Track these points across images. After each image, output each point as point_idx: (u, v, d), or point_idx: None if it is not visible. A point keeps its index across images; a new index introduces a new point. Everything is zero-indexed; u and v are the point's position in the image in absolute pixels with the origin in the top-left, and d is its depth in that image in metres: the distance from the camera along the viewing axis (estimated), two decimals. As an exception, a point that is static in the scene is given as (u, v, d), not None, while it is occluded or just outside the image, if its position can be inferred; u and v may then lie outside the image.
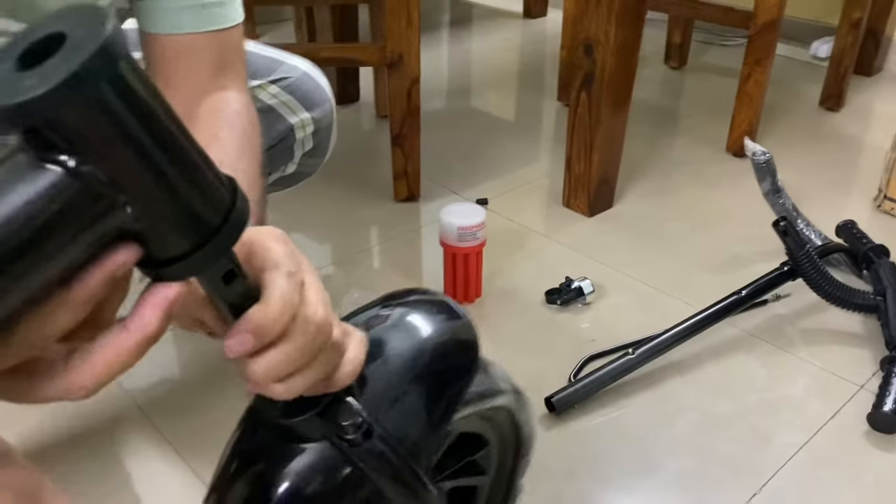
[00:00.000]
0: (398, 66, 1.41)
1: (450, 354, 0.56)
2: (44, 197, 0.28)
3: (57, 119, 0.27)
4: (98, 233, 0.30)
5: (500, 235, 1.45)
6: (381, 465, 0.48)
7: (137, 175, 0.30)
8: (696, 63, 2.38)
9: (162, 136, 0.30)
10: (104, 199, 0.30)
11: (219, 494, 0.51)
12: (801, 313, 1.25)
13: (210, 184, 0.34)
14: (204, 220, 0.34)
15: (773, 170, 1.34)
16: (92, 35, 0.27)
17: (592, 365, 1.11)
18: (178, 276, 0.34)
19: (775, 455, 0.98)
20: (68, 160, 0.28)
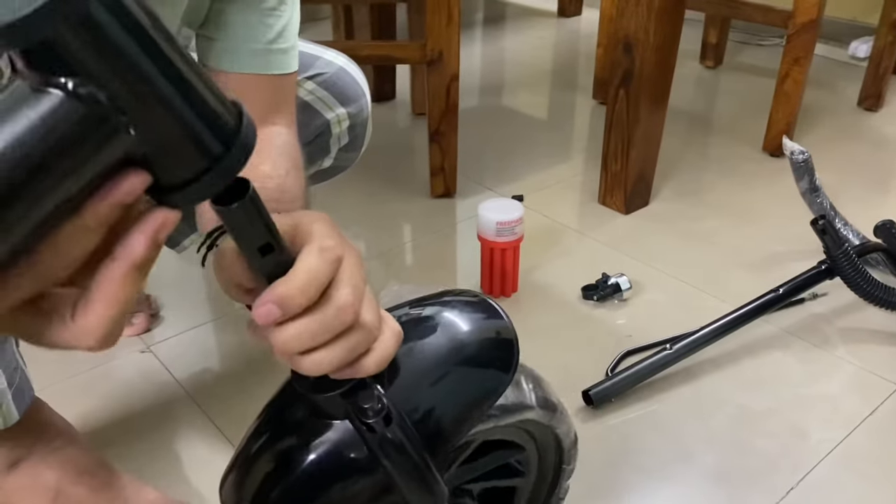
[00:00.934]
0: (438, 63, 1.44)
1: (485, 353, 0.56)
2: (46, 120, 0.28)
3: (50, 38, 0.27)
4: (104, 156, 0.30)
5: (536, 232, 1.46)
6: (394, 454, 0.49)
7: (136, 94, 0.30)
8: (731, 62, 2.38)
9: (158, 54, 0.30)
10: (106, 120, 0.29)
11: (243, 453, 0.53)
12: (838, 312, 1.25)
13: (213, 106, 0.33)
14: (208, 145, 0.33)
15: (811, 169, 1.34)
16: None
17: (629, 360, 1.13)
18: (187, 201, 0.34)
19: (812, 450, 0.99)
20: (67, 82, 0.28)
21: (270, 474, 0.51)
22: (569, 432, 0.72)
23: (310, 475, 0.50)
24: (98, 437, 1.00)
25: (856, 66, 2.31)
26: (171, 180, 0.33)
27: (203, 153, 0.33)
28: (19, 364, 0.70)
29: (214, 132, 0.33)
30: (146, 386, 1.09)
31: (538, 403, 0.65)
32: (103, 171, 0.31)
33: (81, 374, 1.10)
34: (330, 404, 0.49)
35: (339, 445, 0.50)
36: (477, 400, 0.55)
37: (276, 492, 0.51)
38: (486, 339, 0.56)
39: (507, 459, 0.71)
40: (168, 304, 1.26)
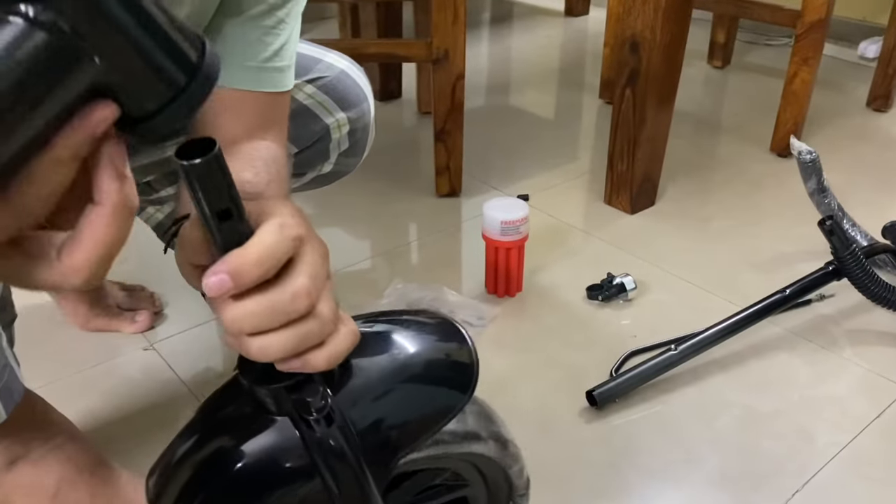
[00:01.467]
0: (443, 62, 1.43)
1: (442, 374, 0.54)
2: (10, 49, 0.28)
3: None
4: (70, 85, 0.31)
5: (541, 231, 1.46)
6: (332, 459, 0.46)
7: (95, 22, 0.30)
8: (739, 62, 2.36)
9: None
10: (70, 48, 0.30)
11: (177, 440, 0.51)
12: (845, 313, 1.24)
13: (173, 37, 0.34)
14: (171, 75, 0.34)
15: (818, 169, 1.33)
16: None
17: (634, 360, 1.12)
18: (153, 132, 0.35)
19: (819, 453, 0.98)
20: (28, 10, 0.28)
21: (197, 474, 0.48)
22: (521, 473, 0.67)
23: (239, 475, 0.47)
24: (100, 435, 1.00)
25: (865, 66, 2.30)
26: (138, 112, 0.34)
27: (167, 83, 0.34)
28: (9, 362, 0.70)
29: (177, 62, 0.34)
30: (149, 383, 1.09)
31: (490, 436, 0.62)
32: (71, 102, 0.31)
33: (84, 371, 1.10)
34: (273, 397, 0.46)
35: (275, 444, 0.47)
36: (427, 418, 0.52)
37: (202, 494, 0.48)
38: (444, 358, 0.54)
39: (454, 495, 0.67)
40: (171, 302, 1.25)
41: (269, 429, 0.47)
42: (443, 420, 0.52)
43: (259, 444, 0.47)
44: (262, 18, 0.71)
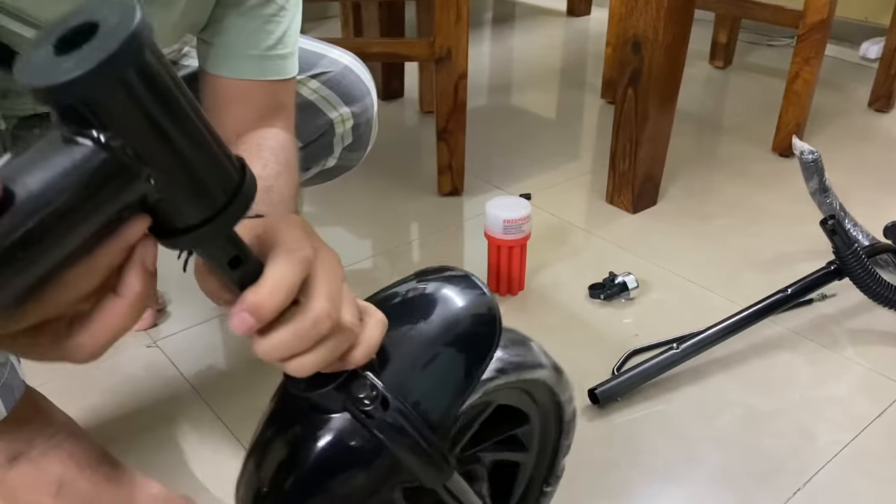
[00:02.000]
0: (446, 61, 1.43)
1: (468, 326, 0.57)
2: (78, 167, 0.31)
3: (90, 98, 0.30)
4: (123, 201, 0.33)
5: (543, 230, 1.46)
6: (398, 436, 0.50)
7: (158, 149, 0.33)
8: (741, 63, 2.37)
9: (180, 116, 0.34)
10: (130, 170, 0.33)
11: (254, 458, 0.54)
12: (847, 313, 1.24)
13: (222, 162, 0.37)
14: (215, 196, 0.37)
15: (820, 169, 1.34)
16: (122, 25, 0.30)
17: (636, 359, 1.12)
18: (189, 245, 0.38)
19: (820, 451, 0.98)
20: (99, 135, 0.31)
21: (279, 473, 0.52)
22: (570, 401, 0.74)
23: (318, 469, 0.51)
24: (103, 432, 1.00)
25: (867, 67, 2.30)
26: (178, 224, 0.37)
27: (209, 202, 0.37)
28: (9, 359, 0.70)
29: (221, 183, 0.37)
30: (152, 381, 1.09)
31: (549, 364, 0.67)
32: (121, 214, 0.34)
33: (87, 368, 1.11)
34: (327, 399, 0.49)
35: (342, 436, 0.50)
36: (467, 372, 0.56)
37: (287, 489, 0.52)
38: (468, 312, 0.58)
39: (514, 431, 0.72)
40: (175, 300, 1.26)
41: (334, 426, 0.50)
42: (480, 368, 0.56)
43: (331, 441, 0.50)
44: (263, 7, 0.71)
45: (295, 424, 0.53)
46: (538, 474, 0.77)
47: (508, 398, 0.67)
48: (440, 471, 0.54)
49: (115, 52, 0.29)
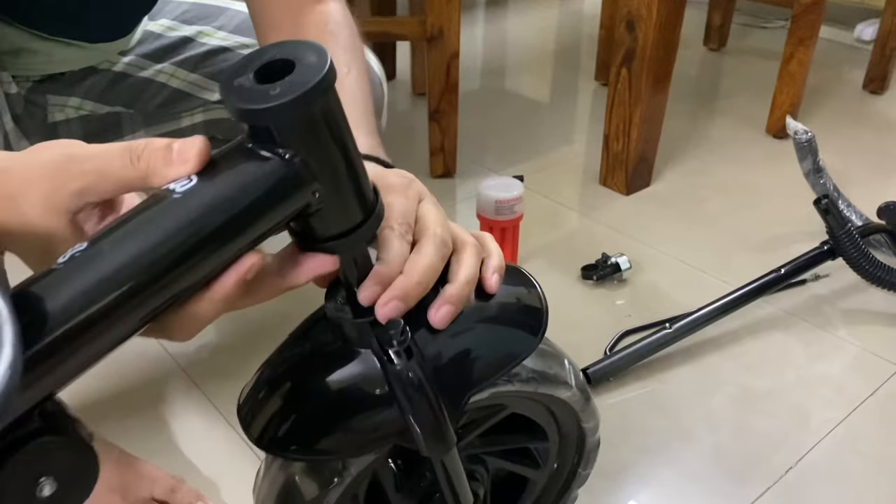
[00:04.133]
0: (438, 40, 1.42)
1: (514, 317, 0.55)
2: (267, 176, 0.38)
3: (286, 121, 0.37)
4: (293, 208, 0.39)
5: (536, 212, 1.45)
6: (410, 391, 0.49)
7: (326, 168, 0.40)
8: (736, 45, 2.35)
9: (345, 143, 0.41)
10: (304, 183, 0.39)
11: (267, 367, 0.54)
12: (840, 293, 1.24)
13: (365, 184, 0.43)
14: (356, 213, 0.43)
15: (814, 149, 1.33)
16: (318, 65, 0.37)
17: (628, 340, 1.11)
18: (329, 251, 0.44)
19: (813, 430, 0.98)
20: (284, 153, 0.38)
21: (288, 398, 0.52)
22: (594, 431, 0.71)
23: (319, 395, 0.51)
24: (92, 413, 0.99)
25: (861, 48, 2.29)
26: (318, 233, 0.43)
27: (351, 218, 0.43)
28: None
29: (362, 201, 0.43)
30: (142, 363, 1.09)
31: (577, 385, 0.65)
32: (287, 220, 0.40)
33: (76, 350, 1.10)
34: (357, 331, 0.49)
35: (356, 371, 0.50)
36: (499, 358, 0.55)
37: (291, 417, 0.51)
38: (515, 301, 0.56)
39: (530, 444, 0.70)
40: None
41: (353, 359, 0.50)
42: (514, 361, 0.55)
43: (344, 373, 0.50)
44: None
45: (317, 346, 0.52)
46: (548, 496, 0.76)
47: (525, 408, 0.65)
48: (440, 442, 0.52)
49: (314, 86, 0.36)
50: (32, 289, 0.33)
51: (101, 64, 0.86)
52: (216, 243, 0.37)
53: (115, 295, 0.34)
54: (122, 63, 0.87)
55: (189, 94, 0.87)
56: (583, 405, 0.67)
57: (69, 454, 0.35)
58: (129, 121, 0.88)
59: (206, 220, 0.36)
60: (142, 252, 0.35)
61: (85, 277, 0.34)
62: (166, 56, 0.88)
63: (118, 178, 0.38)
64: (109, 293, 0.34)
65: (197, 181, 0.37)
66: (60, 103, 0.85)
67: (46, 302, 0.33)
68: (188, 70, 0.87)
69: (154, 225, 0.36)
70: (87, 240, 0.35)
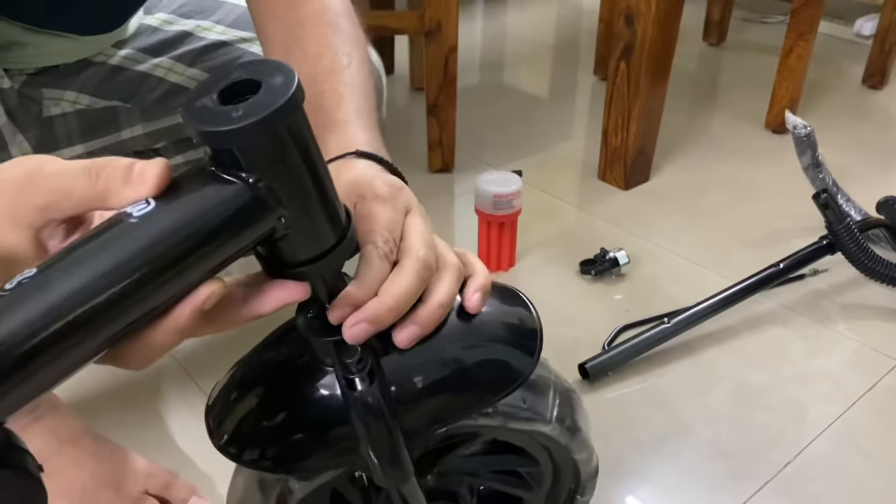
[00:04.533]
0: (436, 34, 1.41)
1: (501, 341, 0.52)
2: (228, 201, 0.36)
3: (250, 145, 0.36)
4: (257, 233, 0.38)
5: (534, 207, 1.45)
6: (368, 416, 0.47)
7: (293, 193, 0.38)
8: (735, 40, 2.35)
9: (314, 167, 0.39)
10: (269, 209, 0.38)
11: (236, 372, 0.54)
12: (838, 288, 1.24)
13: (336, 209, 0.42)
14: (327, 237, 0.41)
15: (814, 143, 1.32)
16: (284, 86, 0.35)
17: (626, 334, 1.11)
18: (298, 276, 0.42)
19: (811, 425, 0.98)
20: (248, 177, 0.37)
21: (252, 403, 0.51)
22: (589, 461, 0.66)
23: (286, 412, 0.50)
24: (87, 408, 0.99)
25: (861, 44, 2.28)
26: (286, 260, 0.41)
27: (320, 244, 0.41)
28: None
29: (333, 229, 0.41)
30: (138, 357, 1.08)
31: (556, 419, 0.59)
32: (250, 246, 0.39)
33: (72, 344, 1.09)
34: (323, 350, 0.48)
35: (321, 392, 0.48)
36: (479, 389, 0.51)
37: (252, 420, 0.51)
38: (505, 324, 0.53)
39: (517, 467, 0.67)
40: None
41: (319, 376, 0.49)
42: (500, 392, 0.51)
43: (308, 389, 0.49)
44: None
45: (288, 356, 0.51)
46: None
47: (506, 436, 0.61)
48: (396, 472, 0.50)
49: (279, 108, 0.34)
50: None
51: (96, 57, 0.85)
52: (172, 270, 0.35)
53: (63, 324, 0.32)
54: (119, 56, 0.86)
55: (187, 89, 0.87)
56: (569, 438, 0.61)
57: (19, 489, 0.34)
58: (126, 115, 0.87)
59: (162, 246, 0.35)
60: (93, 279, 0.33)
61: (31, 306, 0.32)
62: (164, 50, 0.87)
63: (79, 197, 0.37)
64: (56, 322, 0.32)
65: (155, 205, 0.36)
66: (56, 97, 0.85)
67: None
68: (186, 64, 0.87)
69: (107, 250, 0.34)
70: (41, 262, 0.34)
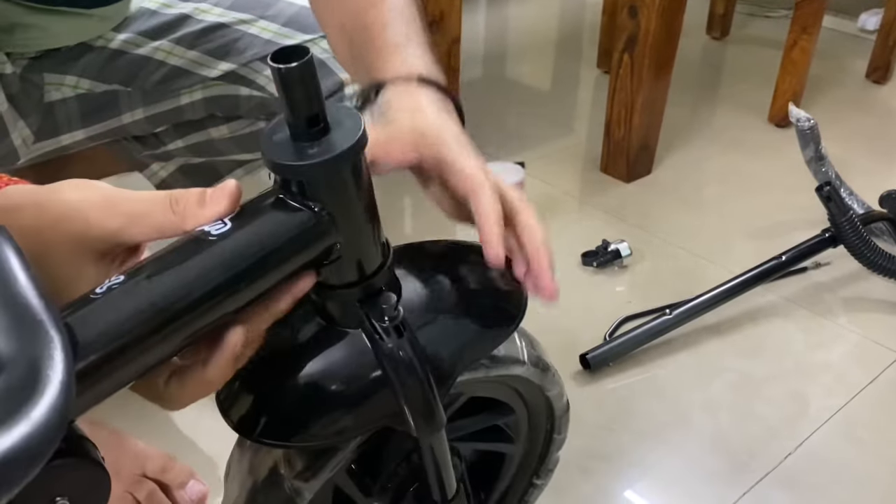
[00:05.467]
0: (438, 24, 1.41)
1: (499, 298, 0.55)
2: (295, 225, 0.41)
3: (320, 178, 0.41)
4: (313, 255, 0.42)
5: (537, 199, 1.45)
6: (402, 371, 0.48)
7: (349, 222, 0.43)
8: (738, 34, 2.34)
9: (369, 201, 0.44)
10: (328, 235, 0.42)
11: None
12: (840, 281, 1.24)
13: (380, 241, 0.47)
14: (369, 265, 0.46)
15: (817, 136, 1.32)
16: (353, 128, 0.41)
17: (628, 326, 1.11)
18: (331, 299, 0.47)
19: (812, 417, 0.98)
20: (314, 205, 0.41)
21: (269, 378, 0.50)
22: (560, 397, 0.70)
23: (310, 383, 0.50)
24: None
25: (865, 38, 2.27)
26: (332, 282, 0.46)
27: (363, 271, 0.46)
28: None
29: (373, 259, 0.46)
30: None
31: (529, 360, 0.64)
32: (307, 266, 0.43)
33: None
34: (346, 309, 0.48)
35: (345, 354, 0.49)
36: (483, 341, 0.55)
37: (272, 396, 0.50)
38: (498, 284, 0.56)
39: (497, 421, 0.69)
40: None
41: (339, 340, 0.49)
42: (496, 343, 0.55)
43: (330, 354, 0.49)
44: None
45: (300, 327, 0.51)
46: (528, 467, 0.75)
47: (483, 390, 0.64)
48: (430, 423, 0.51)
49: (349, 148, 0.40)
50: (74, 315, 0.35)
51: (96, 41, 0.85)
52: (245, 282, 0.40)
53: (147, 329, 0.36)
54: (119, 40, 0.86)
55: (188, 72, 0.87)
56: (541, 376, 0.66)
57: (86, 476, 0.36)
58: (126, 99, 0.87)
59: (238, 260, 0.39)
60: (176, 287, 0.37)
61: (120, 309, 0.36)
62: (163, 33, 0.87)
63: (157, 222, 0.40)
64: (141, 326, 0.36)
65: (231, 225, 0.40)
66: (57, 82, 0.84)
67: (86, 328, 0.35)
68: (186, 47, 0.86)
69: (189, 263, 0.38)
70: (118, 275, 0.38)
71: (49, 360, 0.30)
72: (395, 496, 0.62)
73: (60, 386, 0.29)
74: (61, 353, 0.30)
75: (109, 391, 0.36)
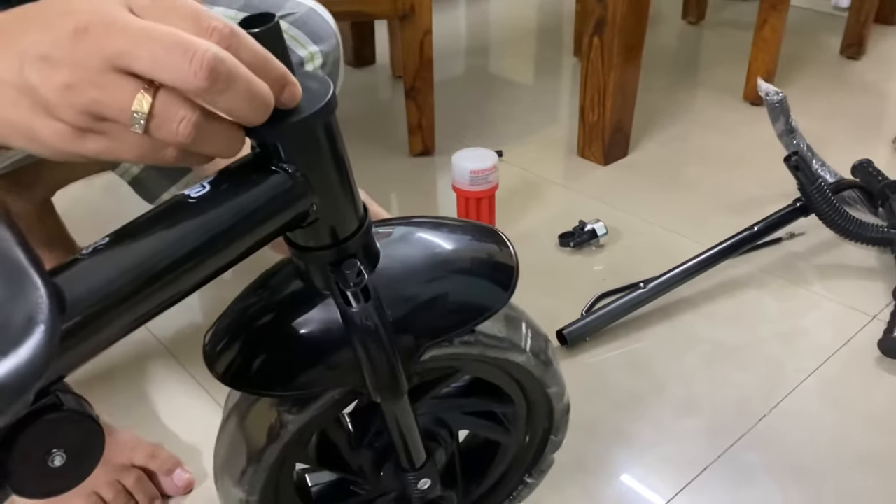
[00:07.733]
0: (410, 17, 1.43)
1: (482, 271, 0.56)
2: (271, 187, 0.43)
3: (294, 139, 0.43)
4: (290, 216, 0.45)
5: (515, 185, 1.46)
6: (364, 333, 0.50)
7: (324, 182, 0.45)
8: (714, 18, 2.36)
9: (342, 161, 0.46)
10: (304, 195, 0.45)
11: (230, 310, 0.57)
12: (815, 250, 1.25)
13: (356, 207, 0.49)
14: (342, 230, 0.49)
15: (786, 110, 1.34)
16: (322, 92, 0.43)
17: (605, 302, 1.12)
18: (315, 261, 0.50)
19: (786, 380, 0.99)
20: (289, 167, 0.44)
21: (251, 332, 0.54)
22: (561, 396, 0.70)
23: (287, 338, 0.53)
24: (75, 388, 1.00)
25: (839, 16, 2.29)
26: (311, 244, 0.49)
27: (335, 235, 0.49)
28: None
29: (350, 221, 0.49)
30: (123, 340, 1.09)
31: (531, 350, 0.64)
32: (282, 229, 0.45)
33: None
34: (316, 269, 0.51)
35: (318, 314, 0.52)
36: (462, 311, 0.55)
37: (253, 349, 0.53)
38: (485, 256, 0.57)
39: (494, 408, 0.70)
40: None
41: (316, 302, 0.52)
42: (479, 317, 0.56)
43: (306, 314, 0.52)
44: None
45: (281, 288, 0.54)
46: (521, 463, 0.76)
47: (483, 372, 0.65)
48: (390, 388, 0.53)
49: (320, 109, 0.42)
50: (61, 274, 0.38)
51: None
52: (222, 243, 0.42)
53: (132, 286, 0.39)
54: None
55: None
56: (542, 370, 0.66)
57: (81, 429, 0.39)
58: None
59: (215, 222, 0.41)
60: (158, 248, 0.40)
61: (105, 268, 0.38)
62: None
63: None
64: (127, 284, 0.39)
65: (210, 188, 0.42)
66: None
67: (73, 286, 0.37)
68: None
69: (169, 225, 0.41)
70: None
71: (35, 306, 0.33)
72: (379, 456, 0.64)
73: (45, 326, 0.32)
74: (46, 301, 0.33)
75: (98, 348, 0.39)
